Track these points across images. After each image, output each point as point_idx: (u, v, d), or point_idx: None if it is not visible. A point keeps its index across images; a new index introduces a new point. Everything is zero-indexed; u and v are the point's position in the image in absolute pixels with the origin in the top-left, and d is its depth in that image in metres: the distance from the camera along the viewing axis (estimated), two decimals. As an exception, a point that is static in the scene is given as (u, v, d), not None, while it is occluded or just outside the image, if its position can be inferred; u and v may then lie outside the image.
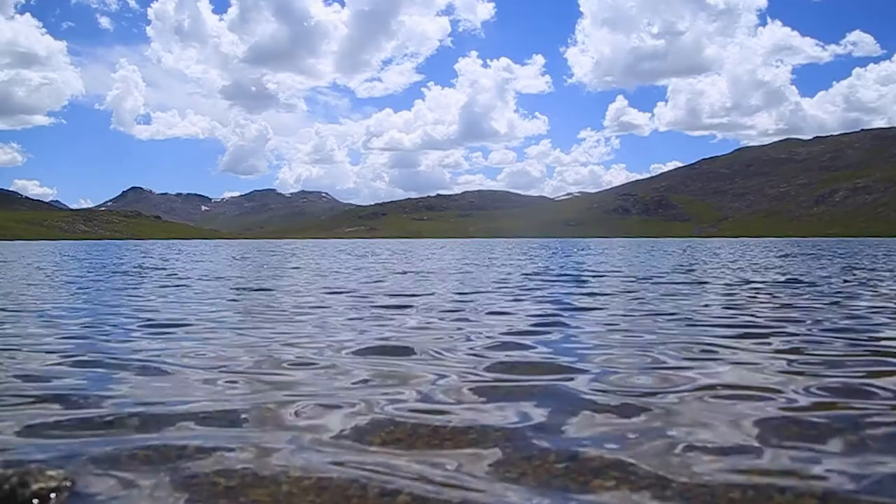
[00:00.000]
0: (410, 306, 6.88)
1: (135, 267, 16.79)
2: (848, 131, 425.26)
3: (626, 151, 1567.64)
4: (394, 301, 7.48)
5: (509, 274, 12.84)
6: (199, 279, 11.87)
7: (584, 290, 8.75)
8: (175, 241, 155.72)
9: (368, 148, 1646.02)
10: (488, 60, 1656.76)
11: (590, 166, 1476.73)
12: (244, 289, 9.67)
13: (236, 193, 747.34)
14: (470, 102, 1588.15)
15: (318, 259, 22.94)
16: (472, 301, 7.40)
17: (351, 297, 8.12)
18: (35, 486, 1.89)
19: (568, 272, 13.34)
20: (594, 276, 11.84)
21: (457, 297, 7.86)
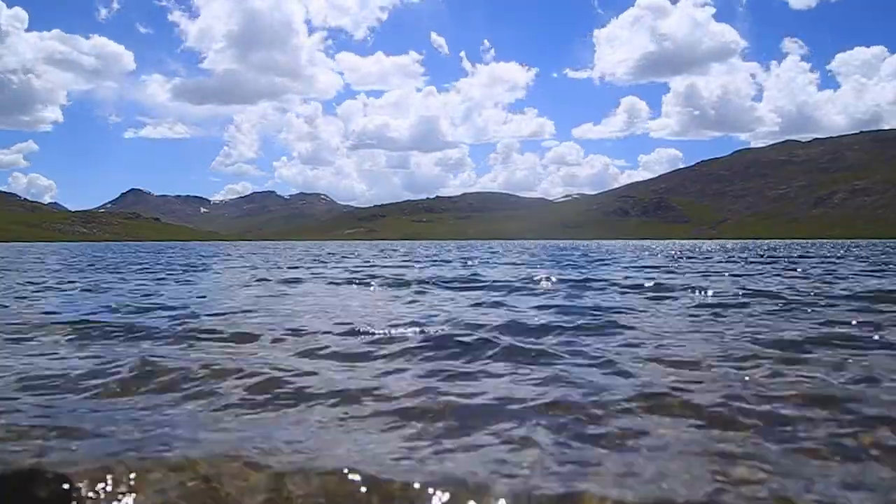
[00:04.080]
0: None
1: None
2: (847, 133, 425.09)
3: (625, 153, 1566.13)
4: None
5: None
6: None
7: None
8: (173, 242, 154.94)
9: (367, 148, 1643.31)
10: (488, 60, 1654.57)
11: (589, 168, 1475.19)
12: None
13: (236, 195, 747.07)
14: (470, 102, 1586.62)
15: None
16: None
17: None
18: (33, 488, 1.89)
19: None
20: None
21: None
